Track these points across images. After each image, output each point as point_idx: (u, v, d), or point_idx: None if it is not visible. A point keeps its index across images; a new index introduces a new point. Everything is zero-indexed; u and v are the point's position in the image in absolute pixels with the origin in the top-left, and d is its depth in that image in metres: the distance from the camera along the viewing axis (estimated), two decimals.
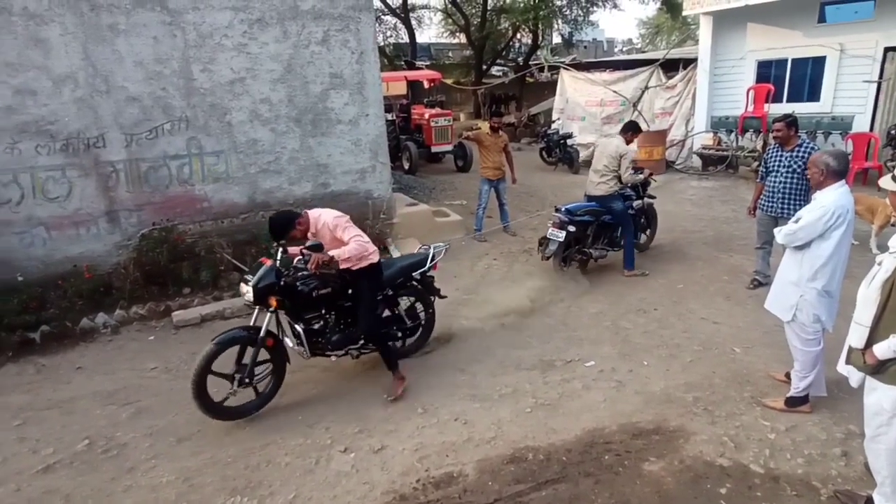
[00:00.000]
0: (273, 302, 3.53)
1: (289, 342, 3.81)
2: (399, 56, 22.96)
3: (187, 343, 4.78)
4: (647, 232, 6.63)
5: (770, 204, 4.95)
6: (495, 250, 6.98)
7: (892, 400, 2.31)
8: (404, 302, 4.36)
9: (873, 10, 8.87)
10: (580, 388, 3.86)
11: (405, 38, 22.97)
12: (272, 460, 3.25)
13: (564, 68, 14.25)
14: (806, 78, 9.96)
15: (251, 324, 3.61)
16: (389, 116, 12.13)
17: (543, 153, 13.00)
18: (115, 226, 5.50)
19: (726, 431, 3.27)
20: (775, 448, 3.11)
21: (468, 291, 5.68)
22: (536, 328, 4.84)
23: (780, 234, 3.32)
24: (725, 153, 10.54)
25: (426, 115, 12.10)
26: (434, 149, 12.12)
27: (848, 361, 2.47)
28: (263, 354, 3.64)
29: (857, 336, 2.36)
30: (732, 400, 3.59)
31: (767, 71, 10.41)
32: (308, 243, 3.53)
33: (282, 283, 3.54)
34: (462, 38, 23.91)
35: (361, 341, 3.95)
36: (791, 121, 4.80)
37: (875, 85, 8.99)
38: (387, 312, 4.25)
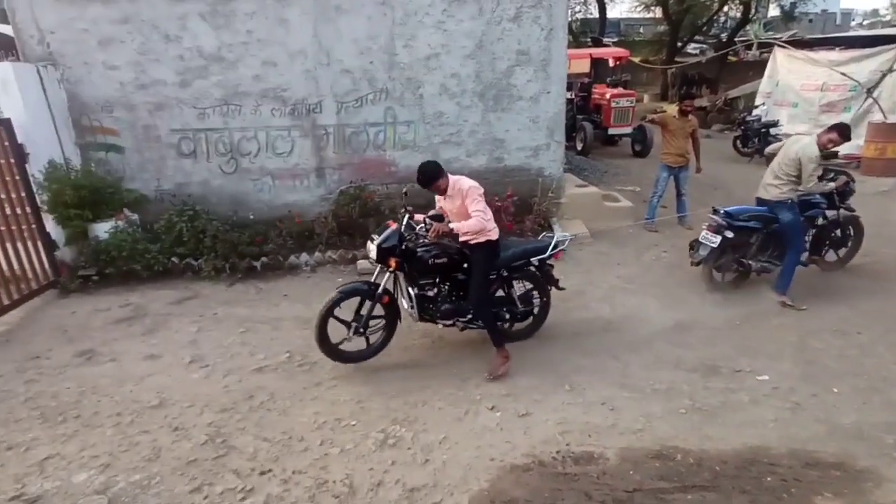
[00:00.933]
0: (392, 263, 3.75)
1: (403, 303, 4.10)
2: (585, 32, 22.10)
3: None
4: (844, 249, 5.56)
5: None
6: (666, 242, 6.56)
7: None
8: (519, 286, 4.34)
9: None
10: (747, 401, 3.56)
11: (595, 13, 21.97)
12: (428, 402, 3.63)
13: (780, 46, 12.39)
14: None
15: (372, 280, 3.94)
16: (568, 95, 11.91)
17: (738, 142, 11.61)
18: (321, 181, 6.46)
19: None
20: None
21: (630, 280, 5.49)
22: (703, 330, 4.51)
23: None
24: None
25: (607, 95, 11.59)
26: (611, 130, 11.62)
27: None
28: (379, 310, 3.95)
29: None
30: None
31: None
32: (431, 212, 3.78)
33: (403, 246, 3.77)
34: (658, 13, 22.01)
35: (469, 315, 4.07)
36: None
37: None
38: (500, 293, 4.28)
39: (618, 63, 13.35)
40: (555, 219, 6.68)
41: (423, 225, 3.91)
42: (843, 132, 4.68)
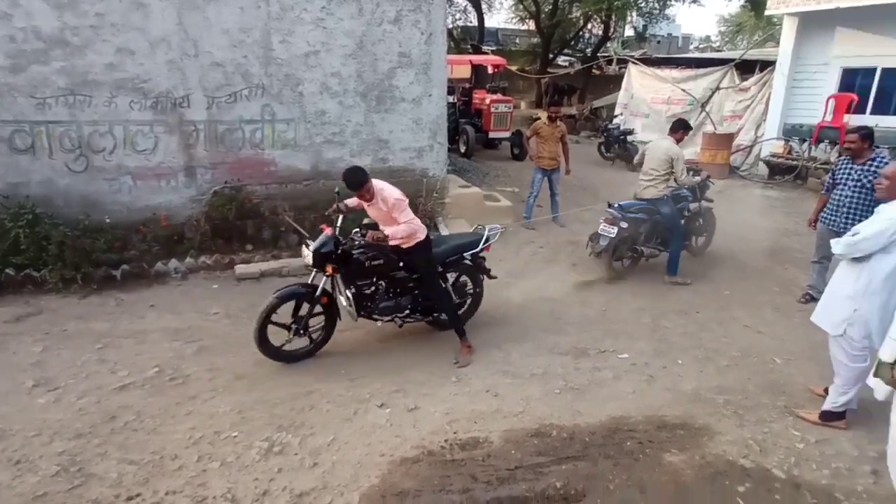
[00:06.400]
0: (330, 269, 3.85)
1: (342, 301, 4.10)
2: (465, 39, 22.93)
3: (247, 294, 5.19)
4: (703, 236, 6.50)
5: (833, 218, 4.79)
6: (542, 239, 7.06)
7: None
8: (451, 277, 4.54)
9: None
10: (610, 377, 3.96)
11: (474, 22, 22.88)
12: (315, 405, 3.56)
13: (633, 62, 13.92)
14: None
15: (309, 282, 3.97)
16: (451, 99, 12.28)
17: (602, 148, 12.82)
18: (191, 181, 5.98)
19: (753, 435, 3.31)
20: (802, 457, 3.12)
21: (512, 275, 5.82)
22: (575, 317, 4.94)
23: (839, 244, 3.21)
24: (795, 163, 10.08)
25: (487, 100, 12.17)
26: (492, 134, 12.20)
27: (876, 374, 2.47)
28: (317, 309, 4.00)
29: (889, 350, 2.37)
30: (764, 407, 3.60)
31: (853, 79, 9.82)
32: (365, 221, 3.97)
33: (339, 251, 3.85)
34: (531, 25, 23.56)
35: (407, 311, 4.24)
36: (867, 133, 4.61)
37: None
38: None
39: (496, 70, 14.06)
40: (440, 218, 6.87)
41: (357, 230, 4.10)
42: (684, 125, 5.70)
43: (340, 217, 4.07)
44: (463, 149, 11.66)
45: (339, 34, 6.14)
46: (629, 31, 24.92)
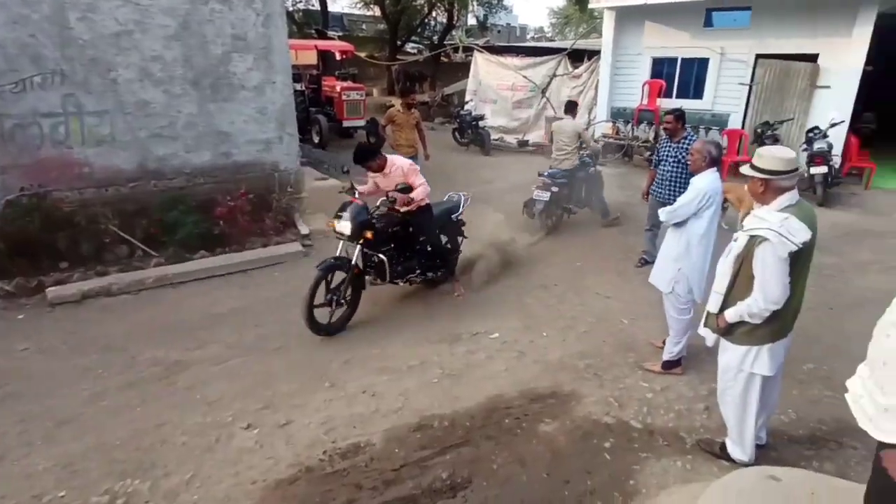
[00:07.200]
0: (369, 235, 4.26)
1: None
2: (309, 24, 21.89)
3: (64, 321, 4.37)
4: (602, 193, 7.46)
5: (660, 190, 5.40)
6: None
7: (738, 358, 2.69)
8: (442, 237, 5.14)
9: (749, 19, 9.90)
10: (484, 358, 4.05)
11: (316, 6, 21.91)
12: (167, 440, 3.10)
13: (478, 50, 14.45)
14: (692, 76, 10.93)
15: (337, 254, 4.32)
16: (299, 87, 11.61)
17: (456, 133, 13.16)
18: None
19: (612, 393, 3.62)
20: (652, 406, 3.49)
21: None
22: (447, 305, 4.97)
23: (663, 212, 3.68)
24: (622, 142, 11.32)
25: (338, 88, 11.74)
26: (345, 123, 11.83)
27: (705, 324, 2.83)
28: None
29: (713, 302, 2.70)
30: (618, 365, 3.96)
31: (661, 68, 11.27)
32: (399, 185, 4.32)
33: (370, 220, 4.30)
34: (377, 11, 23.25)
35: (418, 270, 4.80)
36: (679, 114, 5.25)
37: (747, 87, 10.09)
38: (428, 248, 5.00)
39: (344, 57, 13.62)
40: (297, 214, 6.45)
41: (384, 198, 4.54)
42: (574, 105, 7.10)
43: (356, 191, 4.53)
44: (317, 139, 11.14)
45: (155, 12, 5.35)
46: (472, 21, 25.88)
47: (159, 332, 4.34)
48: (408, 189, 4.32)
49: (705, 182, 3.57)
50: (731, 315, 2.62)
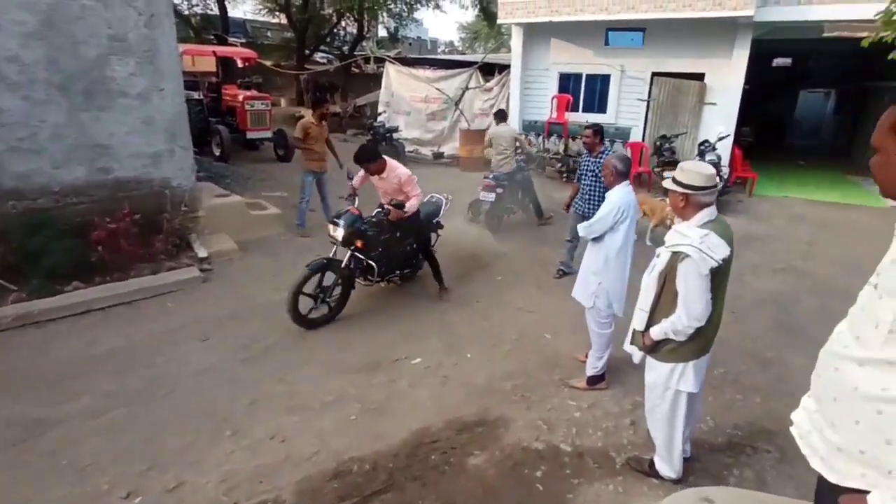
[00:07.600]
0: (359, 243, 4.58)
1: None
2: (207, 28, 20.56)
3: None
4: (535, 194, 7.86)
5: (580, 204, 5.39)
6: (320, 247, 6.53)
7: (664, 376, 2.65)
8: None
9: (642, 41, 10.56)
10: (406, 387, 3.78)
11: (215, 10, 20.61)
12: None
13: (390, 61, 14.25)
14: (596, 92, 11.45)
15: (330, 256, 4.59)
16: (196, 95, 10.74)
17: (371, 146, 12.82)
18: None
19: (540, 415, 3.49)
20: (580, 425, 3.40)
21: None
22: (364, 327, 4.65)
23: (581, 227, 3.65)
24: (535, 155, 11.59)
25: (240, 97, 10.96)
26: (249, 135, 11.08)
27: (632, 342, 2.77)
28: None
29: (638, 319, 2.65)
30: (544, 384, 3.85)
31: (567, 83, 11.71)
32: (394, 201, 4.66)
33: (363, 228, 4.61)
34: (282, 19, 22.33)
35: (398, 271, 5.19)
36: (598, 129, 5.28)
37: (645, 103, 10.73)
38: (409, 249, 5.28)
39: (247, 64, 12.83)
40: (194, 235, 5.81)
41: (379, 210, 4.86)
42: (503, 112, 7.78)
43: (356, 198, 4.88)
44: (218, 152, 10.30)
45: (9, 6, 4.58)
46: (383, 32, 25.69)
47: (17, 384, 3.64)
48: (401, 205, 4.66)
49: (618, 196, 3.58)
50: (656, 332, 2.57)
